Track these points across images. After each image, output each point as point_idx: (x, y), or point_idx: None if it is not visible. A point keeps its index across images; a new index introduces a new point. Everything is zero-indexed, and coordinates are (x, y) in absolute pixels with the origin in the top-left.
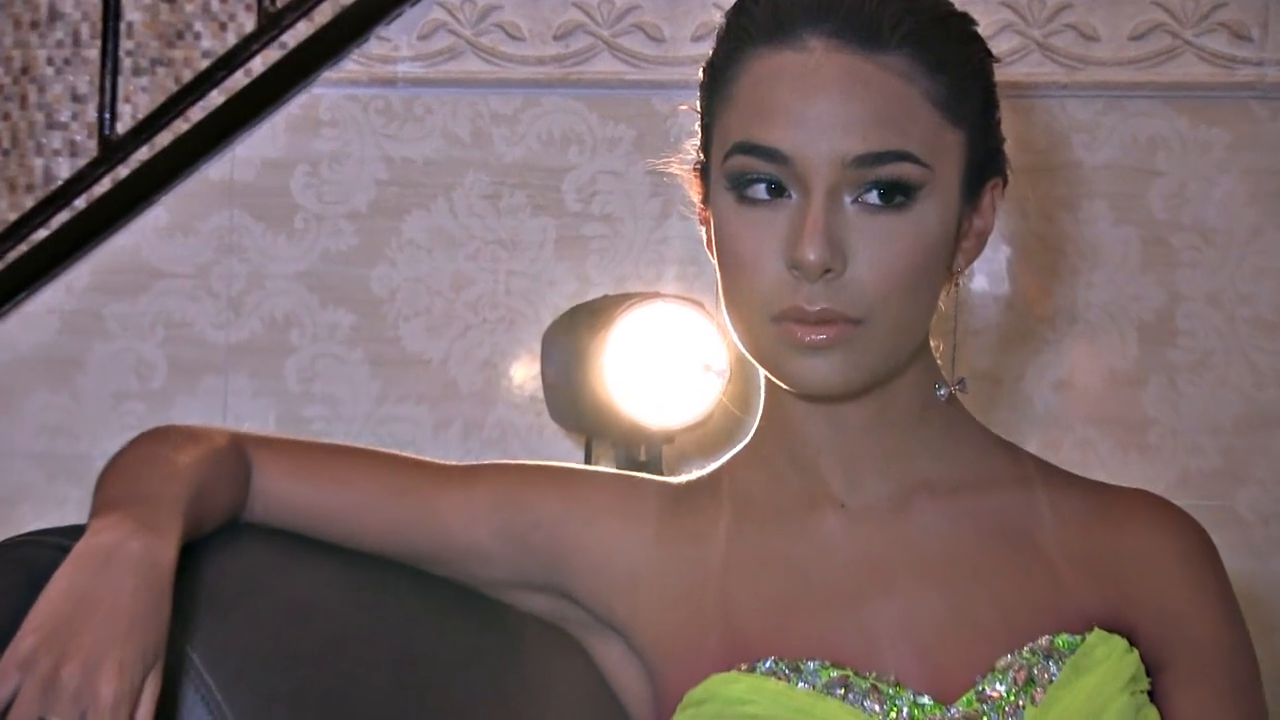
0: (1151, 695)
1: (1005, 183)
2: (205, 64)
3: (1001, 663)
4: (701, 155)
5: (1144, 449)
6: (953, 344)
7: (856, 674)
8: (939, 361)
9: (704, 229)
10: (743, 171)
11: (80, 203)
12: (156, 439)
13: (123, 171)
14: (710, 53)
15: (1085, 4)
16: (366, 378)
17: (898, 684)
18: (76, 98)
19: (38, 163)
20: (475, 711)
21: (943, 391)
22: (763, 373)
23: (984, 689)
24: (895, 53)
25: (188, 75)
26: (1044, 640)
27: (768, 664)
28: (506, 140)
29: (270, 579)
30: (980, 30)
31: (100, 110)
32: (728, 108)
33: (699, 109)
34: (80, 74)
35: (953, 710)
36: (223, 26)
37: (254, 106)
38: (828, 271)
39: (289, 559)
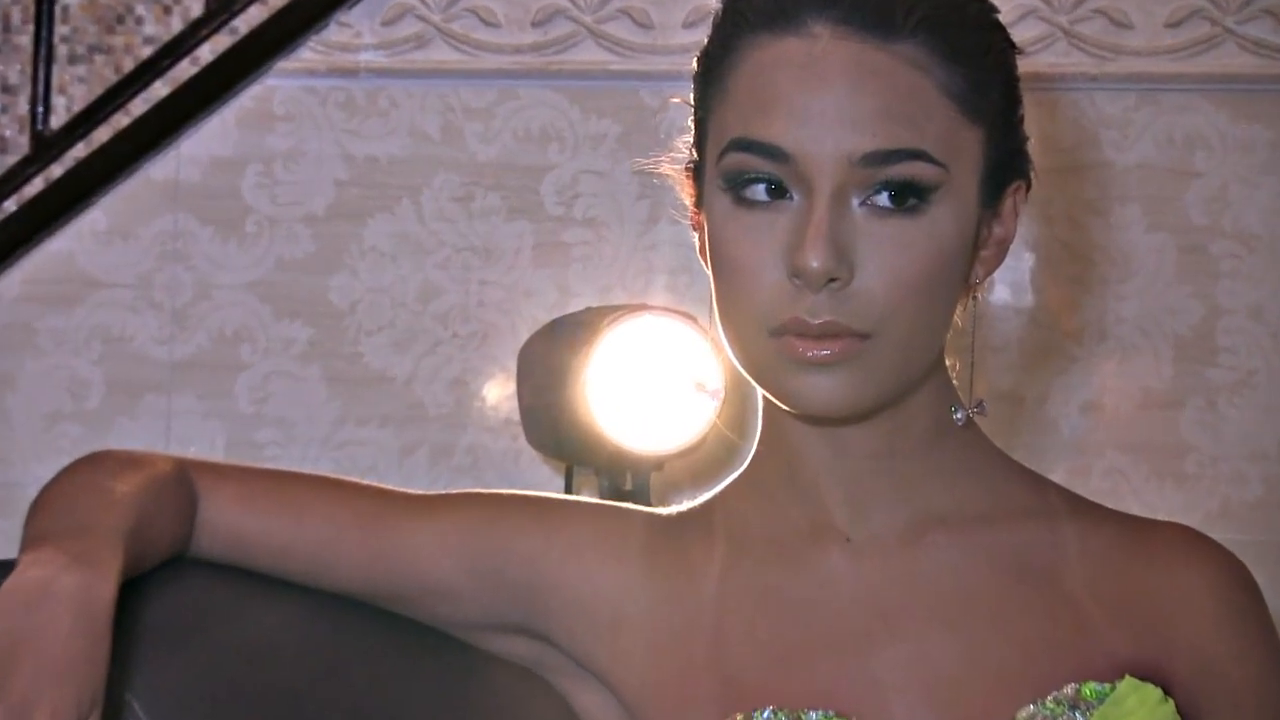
0: None
1: (1028, 185)
2: (148, 52)
3: (1023, 714)
4: (694, 153)
5: (1180, 478)
6: (970, 362)
7: None
8: (955, 382)
9: (697, 235)
10: (740, 170)
11: (9, 204)
12: (93, 465)
13: (56, 170)
14: (704, 40)
15: None
16: (324, 398)
17: None
18: (6, 88)
19: None
20: None
21: (959, 415)
22: (761, 392)
23: None
24: (908, 41)
25: (129, 64)
26: (1069, 689)
27: (765, 714)
28: (479, 137)
29: (218, 619)
30: (1002, 17)
31: (32, 103)
32: (724, 101)
33: (692, 102)
34: (10, 62)
35: None
36: (168, 10)
37: (201, 99)
38: (832, 280)
39: (239, 597)
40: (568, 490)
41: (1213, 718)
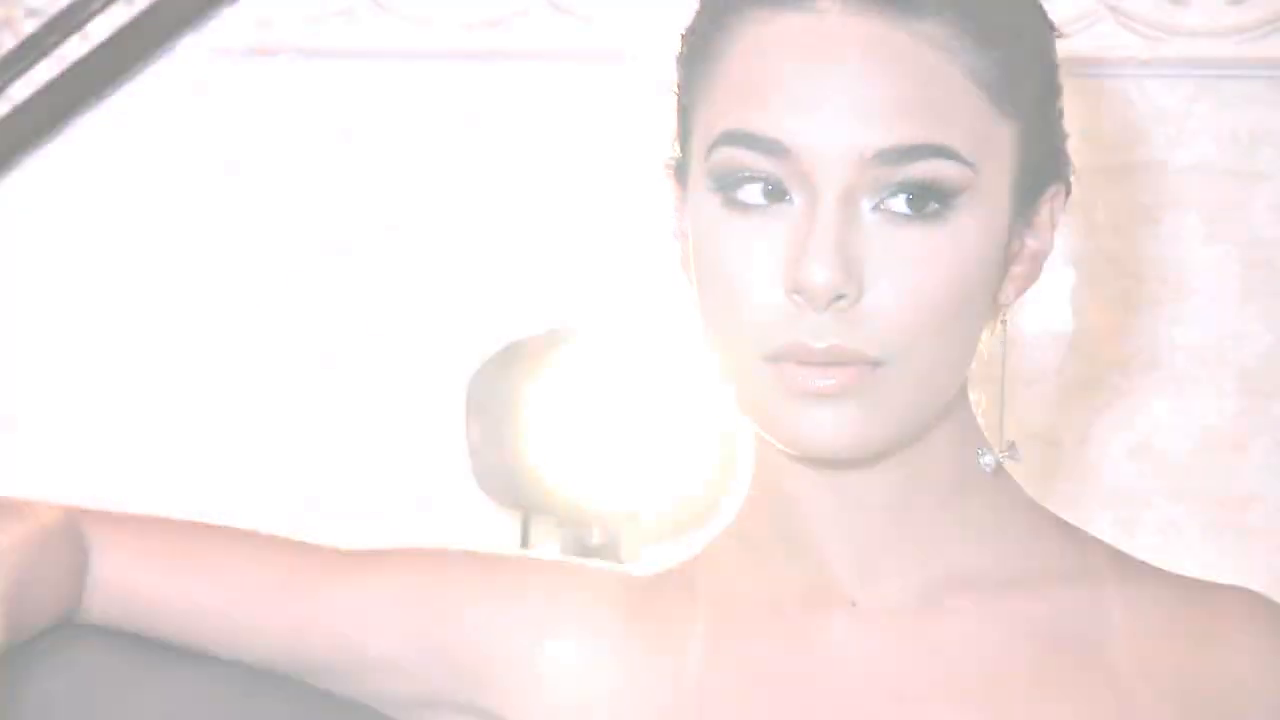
0: None
1: (1068, 190)
2: (31, 26)
3: None
4: (677, 149)
5: (1243, 532)
6: (999, 397)
7: None
8: (981, 420)
9: (679, 244)
10: (732, 168)
11: None
12: None
13: None
14: (690, 15)
15: None
16: None
17: None
18: None
19: None
20: None
21: (986, 459)
22: (753, 429)
23: None
24: (932, 19)
25: (8, 41)
26: None
27: None
28: (421, 126)
29: (115, 694)
30: None
31: None
32: (713, 86)
33: (675, 88)
34: None
35: None
36: None
37: (94, 81)
38: (840, 298)
39: (137, 668)
40: (524, 545)
41: None
